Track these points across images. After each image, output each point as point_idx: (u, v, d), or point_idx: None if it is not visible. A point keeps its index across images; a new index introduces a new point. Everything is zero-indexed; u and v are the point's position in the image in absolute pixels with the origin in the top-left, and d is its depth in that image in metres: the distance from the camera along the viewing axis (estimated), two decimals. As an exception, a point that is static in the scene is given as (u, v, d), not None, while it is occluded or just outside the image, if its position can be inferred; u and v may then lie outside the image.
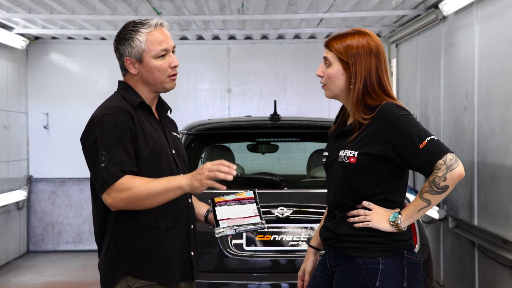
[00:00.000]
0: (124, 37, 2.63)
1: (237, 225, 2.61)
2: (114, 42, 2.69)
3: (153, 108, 2.73)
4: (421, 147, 2.47)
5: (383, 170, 2.56)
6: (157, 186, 2.44)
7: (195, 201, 2.84)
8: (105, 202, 2.48)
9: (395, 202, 2.61)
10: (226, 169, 2.40)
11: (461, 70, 5.88)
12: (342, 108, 2.78)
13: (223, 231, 2.60)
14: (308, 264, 2.89)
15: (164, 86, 2.67)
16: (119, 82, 2.74)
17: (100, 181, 2.47)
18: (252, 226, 2.60)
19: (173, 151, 2.70)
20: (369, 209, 2.58)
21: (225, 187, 2.44)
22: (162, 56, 2.62)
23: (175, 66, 2.66)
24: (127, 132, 2.52)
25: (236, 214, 2.65)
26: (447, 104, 6.32)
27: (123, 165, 2.47)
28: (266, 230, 4.23)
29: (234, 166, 2.42)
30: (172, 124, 2.86)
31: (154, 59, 2.61)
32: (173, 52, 2.68)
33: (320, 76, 2.69)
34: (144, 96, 2.67)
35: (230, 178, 2.40)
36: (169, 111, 2.85)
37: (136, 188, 2.43)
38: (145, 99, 2.67)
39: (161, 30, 2.64)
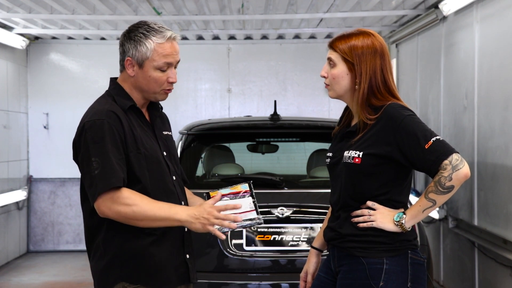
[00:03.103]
0: (134, 37, 2.57)
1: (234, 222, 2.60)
2: (122, 35, 2.63)
3: (144, 109, 2.70)
4: (426, 147, 2.47)
5: (388, 171, 2.56)
6: (157, 213, 2.44)
7: (190, 196, 2.80)
8: (98, 209, 2.45)
9: (399, 202, 2.61)
10: (231, 220, 2.46)
11: (461, 70, 5.88)
12: (346, 109, 2.78)
13: (220, 229, 2.58)
14: (310, 265, 2.88)
15: (155, 97, 2.64)
16: (111, 80, 2.69)
17: (94, 188, 2.43)
18: (249, 222, 2.59)
19: (164, 153, 2.67)
20: (374, 209, 2.58)
21: (224, 237, 2.50)
22: (163, 69, 2.58)
23: (173, 82, 2.61)
24: (118, 137, 2.49)
25: (232, 210, 2.63)
26: (447, 104, 6.32)
27: (116, 172, 2.43)
28: (266, 230, 4.23)
29: (240, 218, 2.48)
30: (164, 121, 2.82)
31: (154, 70, 2.57)
32: (175, 66, 2.63)
33: (324, 76, 2.69)
34: (135, 99, 2.63)
35: (234, 226, 2.48)
36: (161, 108, 2.80)
37: (137, 207, 2.42)
38: (135, 101, 2.63)
39: (171, 43, 2.58)
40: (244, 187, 2.64)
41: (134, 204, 2.42)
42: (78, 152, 2.53)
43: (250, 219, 2.60)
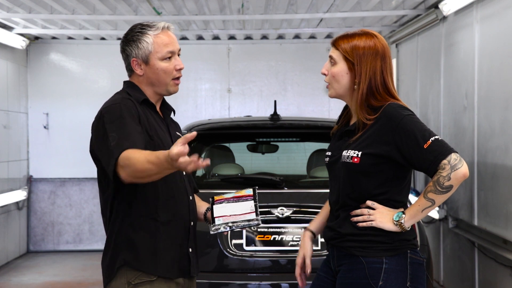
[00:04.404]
0: (132, 38, 2.68)
1: (232, 222, 2.64)
2: (121, 43, 2.74)
3: (157, 108, 2.77)
4: (425, 147, 2.48)
5: (386, 170, 2.57)
6: (146, 167, 2.32)
7: (197, 200, 2.86)
8: (123, 179, 2.41)
9: (398, 201, 2.62)
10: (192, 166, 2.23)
11: (461, 70, 5.88)
12: (345, 108, 2.79)
13: (218, 228, 2.62)
14: (307, 248, 2.84)
15: (167, 89, 2.72)
16: (125, 82, 2.77)
17: (112, 159, 2.41)
18: (246, 223, 2.62)
19: None
20: (373, 209, 2.58)
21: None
22: (168, 58, 2.68)
23: (180, 69, 2.72)
24: (134, 116, 2.54)
25: (232, 212, 2.67)
26: (447, 104, 6.32)
27: (131, 139, 2.43)
28: (266, 230, 4.23)
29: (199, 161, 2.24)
30: (176, 126, 2.90)
31: (161, 61, 2.67)
32: (178, 55, 2.73)
33: (324, 74, 2.71)
34: (148, 96, 2.71)
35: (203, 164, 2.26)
36: (172, 113, 2.87)
37: (133, 165, 2.34)
38: (149, 98, 2.71)
39: (167, 33, 2.70)
40: (248, 191, 2.69)
41: (131, 164, 2.36)
42: (97, 137, 2.53)
43: (248, 220, 2.63)
